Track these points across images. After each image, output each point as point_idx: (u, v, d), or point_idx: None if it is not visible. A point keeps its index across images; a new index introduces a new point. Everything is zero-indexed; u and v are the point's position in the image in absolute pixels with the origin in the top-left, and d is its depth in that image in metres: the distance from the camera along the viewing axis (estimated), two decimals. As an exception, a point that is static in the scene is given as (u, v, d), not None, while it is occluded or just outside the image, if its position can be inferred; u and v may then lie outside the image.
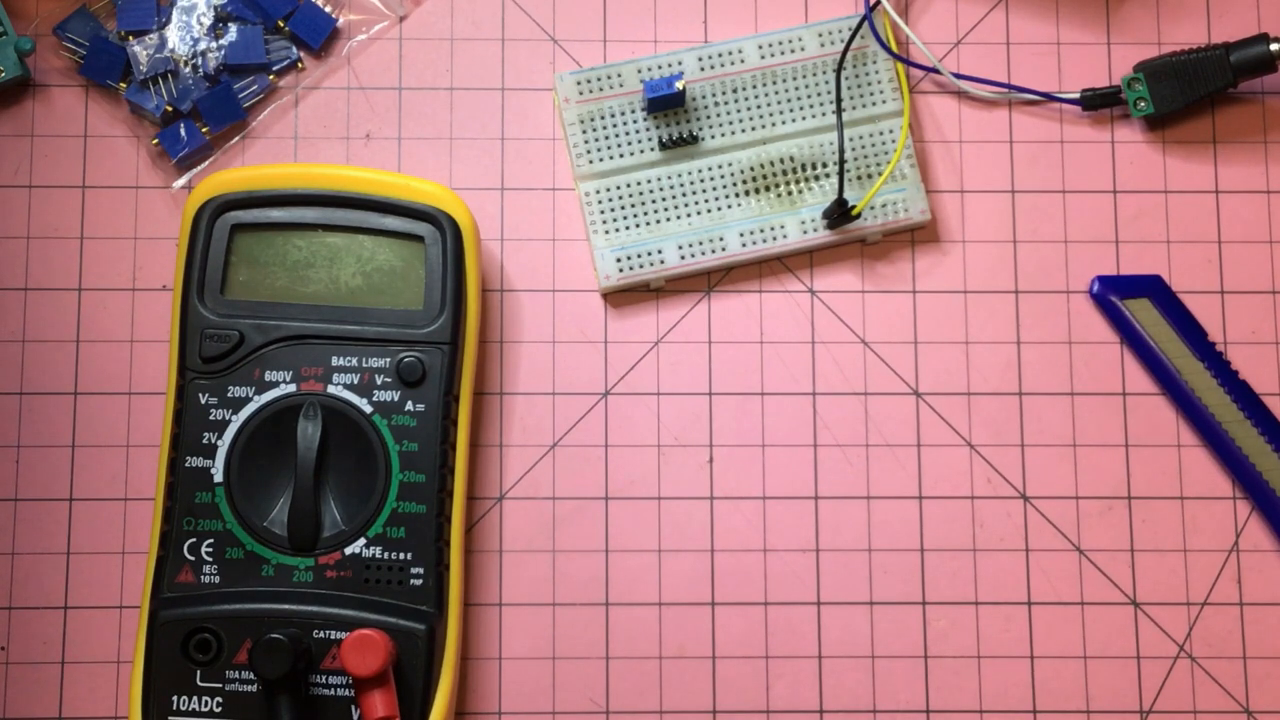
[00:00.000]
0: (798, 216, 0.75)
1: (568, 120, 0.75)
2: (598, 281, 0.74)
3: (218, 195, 0.70)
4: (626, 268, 0.74)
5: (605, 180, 0.75)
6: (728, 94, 0.75)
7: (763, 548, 0.73)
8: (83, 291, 0.74)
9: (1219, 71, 0.75)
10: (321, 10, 0.75)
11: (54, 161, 0.75)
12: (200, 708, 0.66)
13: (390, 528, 0.68)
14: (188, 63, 0.74)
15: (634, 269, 0.74)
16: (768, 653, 0.72)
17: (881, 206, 0.75)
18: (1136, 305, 0.75)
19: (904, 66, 0.76)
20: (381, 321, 0.69)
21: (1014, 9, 0.78)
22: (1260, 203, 0.77)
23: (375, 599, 0.67)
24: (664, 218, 0.74)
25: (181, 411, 0.68)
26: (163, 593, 0.67)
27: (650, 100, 0.74)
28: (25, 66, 0.74)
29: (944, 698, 0.73)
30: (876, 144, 0.75)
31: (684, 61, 0.75)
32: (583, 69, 0.75)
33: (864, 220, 0.74)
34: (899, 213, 0.75)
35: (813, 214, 0.75)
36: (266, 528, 0.68)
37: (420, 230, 0.70)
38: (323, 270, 0.70)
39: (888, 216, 0.75)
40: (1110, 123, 0.77)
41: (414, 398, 0.69)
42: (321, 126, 0.76)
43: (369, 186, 0.70)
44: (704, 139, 0.75)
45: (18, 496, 0.72)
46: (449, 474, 0.69)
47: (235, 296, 0.69)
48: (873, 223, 0.75)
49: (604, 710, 0.72)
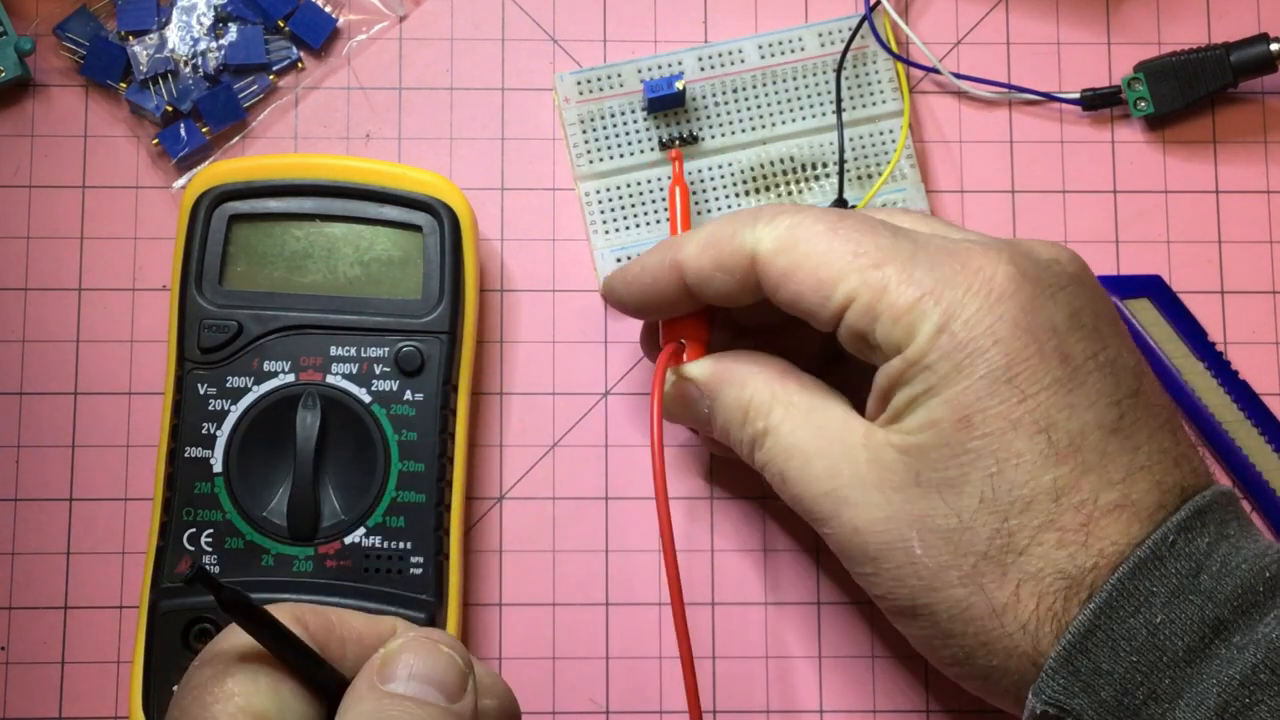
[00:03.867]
0: (798, 216, 0.75)
1: (568, 120, 0.75)
2: (597, 282, 0.74)
3: (215, 186, 0.70)
4: (627, 269, 0.74)
5: (605, 180, 0.75)
6: (728, 94, 0.75)
7: (763, 548, 0.73)
8: (83, 291, 0.74)
9: (1219, 71, 0.75)
10: (321, 10, 0.76)
11: (54, 161, 0.75)
12: (199, 697, 0.66)
13: (390, 517, 0.68)
14: (188, 63, 0.74)
15: (635, 270, 0.74)
16: (767, 652, 0.72)
17: (881, 206, 0.75)
18: (1136, 305, 0.75)
19: (904, 66, 0.76)
20: (380, 311, 0.69)
21: (1014, 9, 0.78)
22: (1260, 203, 0.77)
23: (375, 588, 0.67)
24: (664, 218, 0.74)
25: (180, 402, 0.68)
26: (162, 583, 0.67)
27: (650, 100, 0.74)
28: (25, 66, 0.74)
29: (944, 698, 0.73)
30: (876, 144, 0.75)
31: (684, 61, 0.75)
32: (583, 69, 0.75)
33: (864, 219, 0.74)
34: (898, 211, 0.75)
35: (813, 212, 0.75)
36: (266, 518, 0.68)
37: (418, 220, 0.70)
38: (321, 260, 0.70)
39: (887, 215, 0.75)
40: (1110, 123, 0.77)
41: (413, 387, 0.69)
42: (321, 126, 0.76)
43: (367, 177, 0.70)
44: (704, 139, 0.75)
45: (18, 496, 0.72)
46: (448, 463, 0.69)
47: (233, 287, 0.69)
48: (873, 222, 0.75)
49: (604, 710, 0.72)
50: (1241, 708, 0.54)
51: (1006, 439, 0.58)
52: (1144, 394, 0.60)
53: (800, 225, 0.62)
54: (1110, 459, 0.58)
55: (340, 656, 0.55)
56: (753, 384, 0.65)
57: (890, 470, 0.60)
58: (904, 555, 0.60)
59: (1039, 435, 0.58)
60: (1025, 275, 0.59)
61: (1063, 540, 0.57)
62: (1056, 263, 0.62)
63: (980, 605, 0.58)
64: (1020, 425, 0.58)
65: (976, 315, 0.58)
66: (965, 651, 0.60)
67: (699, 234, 0.65)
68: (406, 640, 0.54)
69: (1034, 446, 0.58)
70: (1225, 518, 0.59)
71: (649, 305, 0.68)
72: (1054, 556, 0.57)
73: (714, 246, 0.64)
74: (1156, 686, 0.55)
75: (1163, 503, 0.58)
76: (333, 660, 0.55)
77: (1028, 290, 0.59)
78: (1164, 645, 0.56)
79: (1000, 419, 0.58)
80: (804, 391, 0.64)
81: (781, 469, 0.64)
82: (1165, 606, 0.56)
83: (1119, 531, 0.57)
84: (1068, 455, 0.58)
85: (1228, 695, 0.54)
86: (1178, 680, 0.55)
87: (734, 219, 0.64)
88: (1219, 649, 0.56)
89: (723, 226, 0.64)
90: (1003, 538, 0.58)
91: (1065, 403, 0.58)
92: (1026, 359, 0.58)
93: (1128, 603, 0.56)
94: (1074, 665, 0.56)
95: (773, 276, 0.62)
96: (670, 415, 0.70)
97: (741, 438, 0.66)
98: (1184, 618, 0.56)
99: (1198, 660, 0.55)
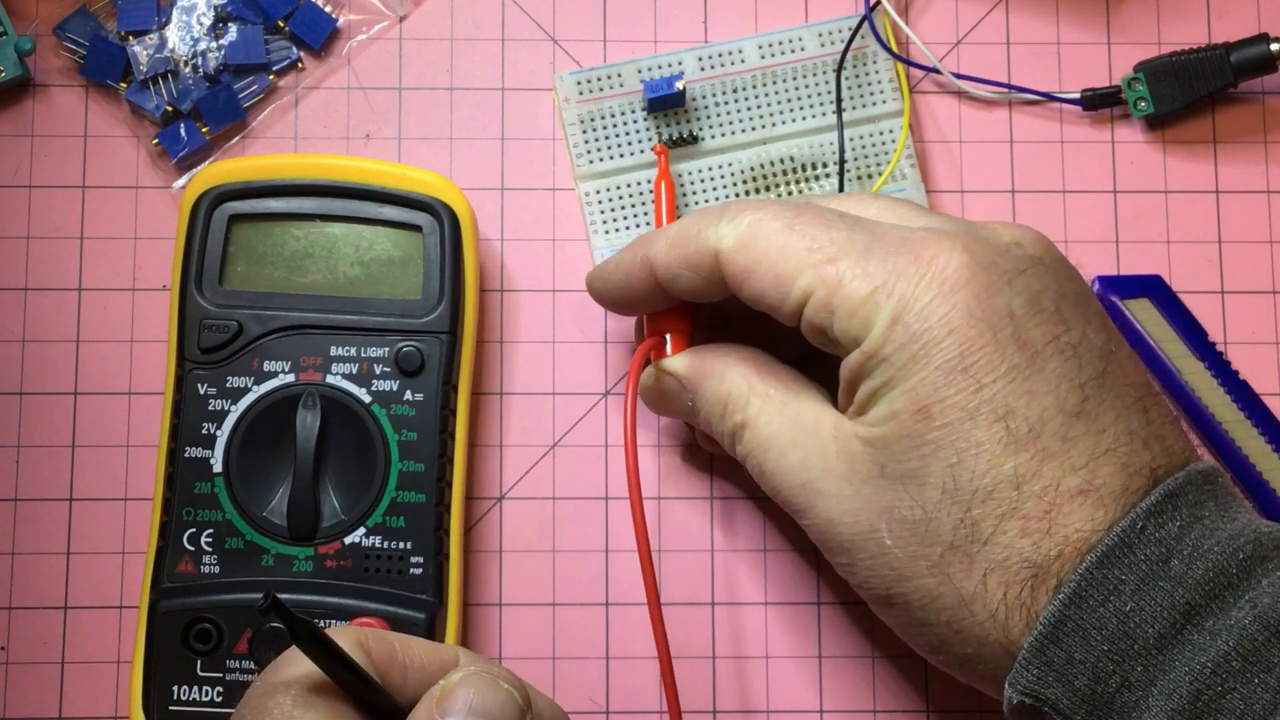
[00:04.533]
0: (799, 216, 0.75)
1: (568, 120, 0.75)
2: (597, 282, 0.74)
3: (215, 186, 0.70)
4: (627, 269, 0.74)
5: (605, 180, 0.75)
6: (728, 94, 0.75)
7: (763, 547, 0.73)
8: (83, 291, 0.74)
9: (1219, 71, 0.75)
10: (321, 10, 0.76)
11: (54, 161, 0.75)
12: (201, 697, 0.66)
13: (390, 517, 0.68)
14: (188, 63, 0.74)
15: (635, 270, 0.74)
16: (768, 652, 0.72)
17: (869, 199, 0.75)
18: (1136, 305, 0.75)
19: (904, 66, 0.76)
20: (380, 311, 0.69)
21: (1014, 9, 0.78)
22: (1260, 203, 0.77)
23: (375, 588, 0.67)
24: (664, 218, 0.74)
25: (180, 402, 0.68)
26: (162, 583, 0.67)
27: (650, 100, 0.74)
28: (25, 66, 0.74)
29: (944, 698, 0.73)
30: (876, 144, 0.75)
31: (684, 61, 0.75)
32: (583, 69, 0.75)
33: (864, 219, 0.74)
34: (899, 210, 0.75)
35: (813, 213, 0.75)
36: (266, 518, 0.68)
37: (418, 220, 0.70)
38: (321, 260, 0.70)
39: (887, 214, 0.75)
40: (1110, 123, 0.77)
41: (413, 387, 0.68)
42: (321, 126, 0.76)
43: (367, 176, 0.70)
44: (704, 139, 0.75)
45: (18, 496, 0.72)
46: (448, 463, 0.69)
47: (233, 287, 0.69)
48: (872, 221, 0.75)
49: (604, 710, 0.72)
50: (1214, 696, 0.54)
51: (965, 429, 0.58)
52: (1111, 375, 0.60)
53: (759, 222, 0.63)
54: (1073, 444, 0.58)
55: (400, 684, 0.56)
56: (730, 377, 0.66)
57: (858, 462, 0.61)
58: (876, 546, 0.60)
59: (997, 424, 0.58)
60: (979, 262, 0.60)
61: (1026, 529, 0.57)
62: (1017, 245, 0.62)
63: (949, 595, 0.59)
64: (978, 414, 0.58)
65: (929, 306, 0.59)
66: (940, 640, 0.60)
67: (668, 232, 0.66)
68: (467, 674, 0.54)
69: (992, 435, 0.58)
70: (1200, 498, 0.58)
71: (626, 301, 0.69)
72: (1018, 545, 0.57)
73: (680, 245, 0.65)
74: (1129, 674, 0.56)
75: (1129, 485, 0.58)
76: (393, 688, 0.55)
77: (982, 278, 0.59)
78: (1135, 633, 0.55)
79: (957, 409, 0.58)
80: (780, 384, 0.65)
81: (760, 461, 0.64)
82: (1135, 594, 0.56)
83: (1083, 518, 0.57)
84: (1027, 442, 0.58)
85: (1200, 684, 0.54)
86: (1150, 668, 0.55)
87: (700, 216, 0.65)
88: (1191, 635, 0.55)
89: (689, 224, 0.65)
90: (966, 527, 0.58)
91: (1023, 389, 0.58)
92: (981, 347, 0.58)
93: (1096, 591, 0.56)
94: (1046, 656, 0.57)
95: (735, 274, 0.63)
96: (656, 408, 0.71)
97: (723, 430, 0.66)
98: (1154, 604, 0.56)
99: (1169, 647, 0.55)
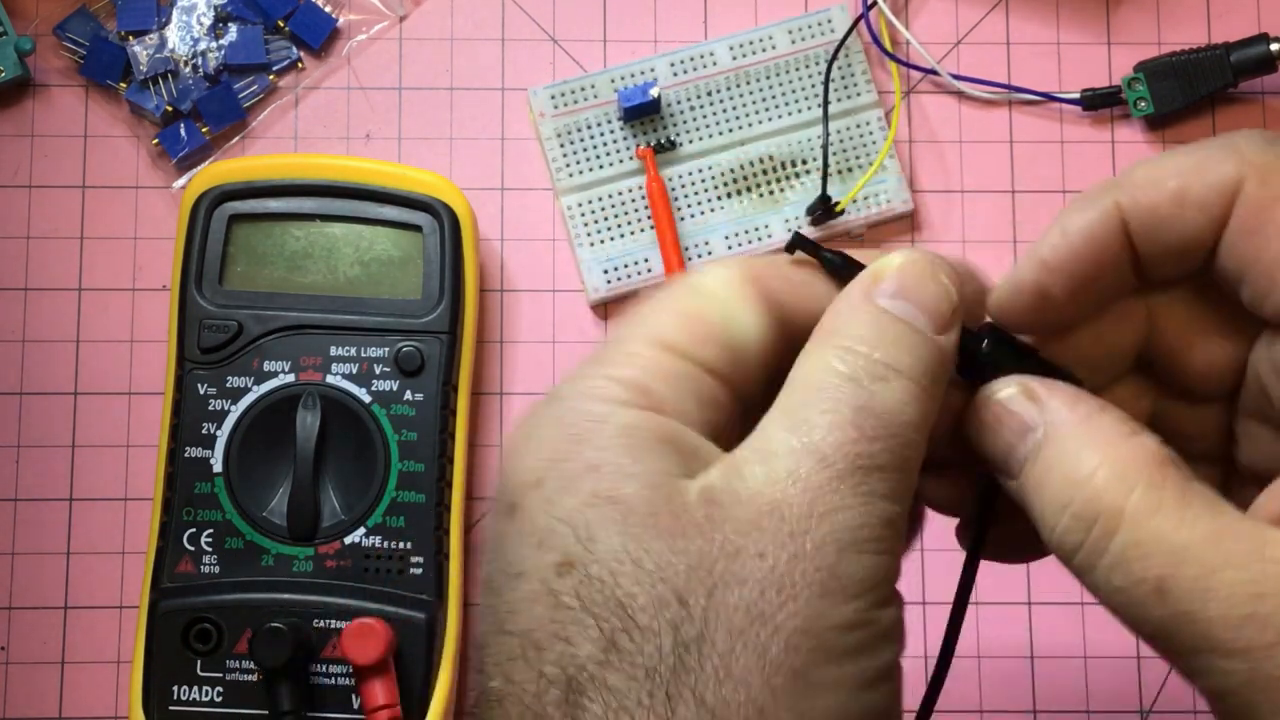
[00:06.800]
0: (781, 215, 0.75)
1: (545, 135, 0.74)
2: (586, 295, 0.74)
3: (215, 186, 0.70)
4: (615, 279, 0.74)
5: (587, 193, 0.75)
6: (702, 97, 0.75)
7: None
8: (83, 291, 0.74)
9: (1219, 71, 0.75)
10: (321, 10, 0.76)
11: (54, 161, 0.75)
12: (201, 697, 0.66)
13: (390, 517, 0.68)
14: (188, 63, 0.74)
15: (622, 280, 0.74)
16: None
17: (864, 199, 0.75)
18: (1137, 305, 0.74)
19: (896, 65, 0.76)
20: (380, 311, 0.69)
21: (1014, 9, 0.78)
22: (1260, 203, 0.77)
23: (375, 588, 0.67)
24: (648, 226, 0.74)
25: (180, 402, 0.69)
26: (162, 583, 0.67)
27: (626, 109, 0.74)
28: (25, 66, 0.74)
29: (944, 698, 0.72)
30: (854, 137, 0.76)
31: (656, 68, 0.75)
32: (554, 82, 0.75)
33: (848, 215, 0.74)
34: (882, 204, 0.75)
35: (795, 212, 0.75)
36: (266, 518, 0.68)
37: (418, 220, 0.70)
38: (321, 260, 0.70)
39: (871, 209, 0.75)
40: (1110, 123, 0.77)
41: (412, 387, 0.69)
42: (321, 126, 0.76)
43: (367, 177, 0.71)
44: (682, 144, 0.75)
45: (18, 496, 0.72)
46: (448, 463, 0.69)
47: (233, 287, 0.70)
48: (856, 216, 0.75)
49: (604, 710, 0.72)
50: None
51: None
52: None
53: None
54: None
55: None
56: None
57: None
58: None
59: None
60: None
61: None
62: None
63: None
64: None
65: None
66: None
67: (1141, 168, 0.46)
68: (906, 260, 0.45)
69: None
70: None
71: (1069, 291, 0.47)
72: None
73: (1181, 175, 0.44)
74: None
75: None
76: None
77: None
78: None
79: None
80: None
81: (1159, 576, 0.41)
82: None
83: None
84: None
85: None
86: None
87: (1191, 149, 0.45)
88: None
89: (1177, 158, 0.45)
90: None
91: None
92: None
93: None
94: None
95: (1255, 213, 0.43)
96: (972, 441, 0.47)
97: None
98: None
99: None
